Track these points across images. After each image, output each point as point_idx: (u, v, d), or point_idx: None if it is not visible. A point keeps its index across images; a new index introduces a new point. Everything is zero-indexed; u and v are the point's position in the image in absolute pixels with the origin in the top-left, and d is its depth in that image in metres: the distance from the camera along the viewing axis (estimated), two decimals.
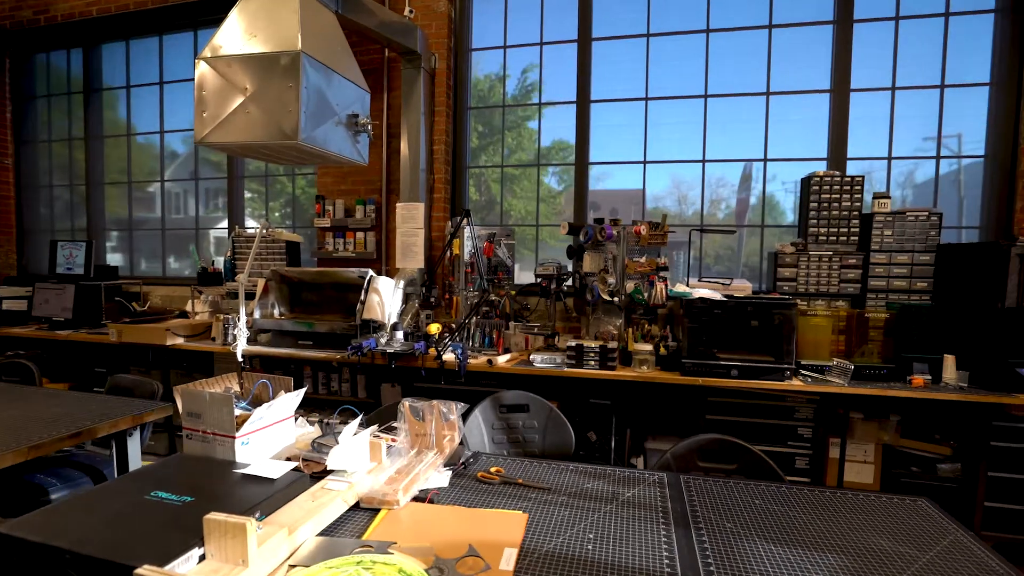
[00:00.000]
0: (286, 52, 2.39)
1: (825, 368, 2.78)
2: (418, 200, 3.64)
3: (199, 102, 2.52)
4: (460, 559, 0.98)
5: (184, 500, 1.06)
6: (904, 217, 3.00)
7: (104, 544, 0.89)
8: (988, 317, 2.62)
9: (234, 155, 3.05)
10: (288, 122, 2.42)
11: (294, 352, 3.25)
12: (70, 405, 1.89)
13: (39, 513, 1.01)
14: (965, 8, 3.23)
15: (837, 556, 1.10)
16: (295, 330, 3.34)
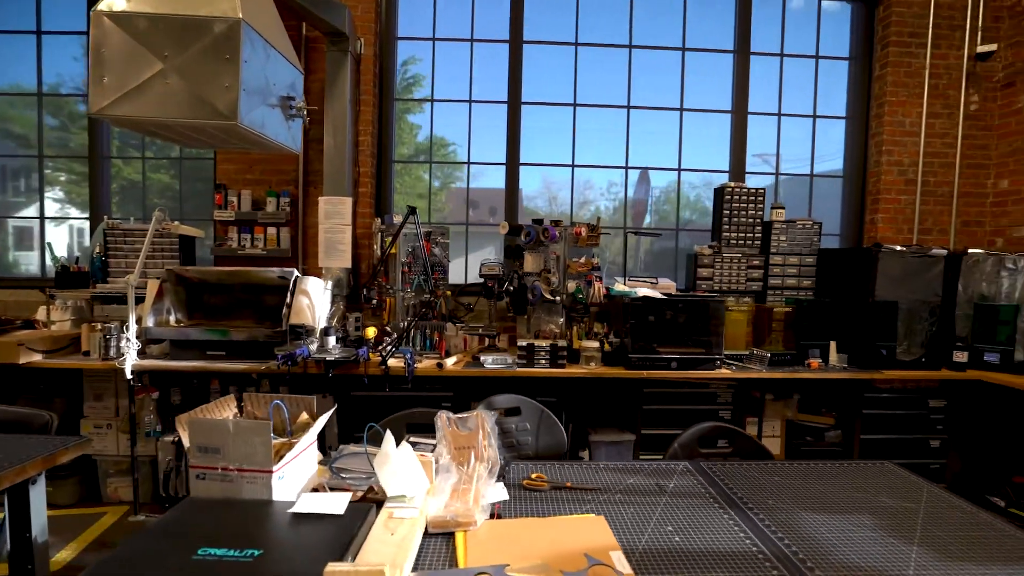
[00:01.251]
0: (222, 19, 2.04)
1: (744, 357, 3.15)
2: (344, 194, 3.35)
3: (97, 63, 2.04)
4: (586, 570, 0.93)
5: (250, 554, 0.84)
6: (795, 225, 3.52)
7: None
8: (861, 309, 3.17)
9: (139, 132, 2.51)
10: (224, 101, 2.07)
11: (203, 365, 2.79)
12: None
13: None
14: (831, 53, 3.88)
15: (866, 516, 1.26)
16: (203, 339, 2.87)
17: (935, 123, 3.72)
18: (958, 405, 3.21)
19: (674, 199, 3.94)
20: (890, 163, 3.74)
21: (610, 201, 3.94)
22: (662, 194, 3.97)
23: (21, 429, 1.72)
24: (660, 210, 3.96)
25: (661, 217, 3.96)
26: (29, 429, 1.73)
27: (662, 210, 3.96)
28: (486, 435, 1.34)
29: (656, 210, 3.97)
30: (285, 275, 3.04)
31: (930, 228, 3.77)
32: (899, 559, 1.08)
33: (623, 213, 3.91)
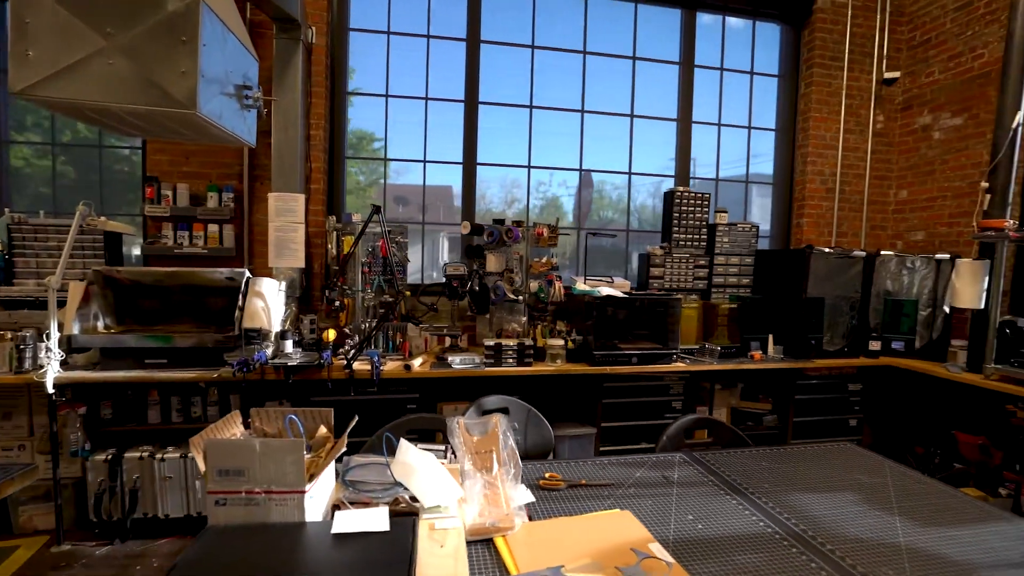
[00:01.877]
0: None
1: (695, 351, 3.35)
2: (295, 190, 3.17)
3: (19, 36, 1.80)
4: (638, 564, 0.96)
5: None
6: (736, 228, 3.78)
7: None
8: (794, 304, 3.48)
9: (69, 116, 2.19)
10: (180, 88, 1.89)
11: (143, 375, 2.54)
12: None
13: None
14: (764, 70, 4.21)
15: (848, 493, 1.39)
16: (142, 347, 2.60)
17: (849, 138, 4.16)
18: (872, 387, 3.61)
19: (606, 201, 4.09)
20: (813, 172, 4.12)
21: (538, 200, 3.97)
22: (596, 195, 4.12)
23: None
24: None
25: (593, 217, 4.09)
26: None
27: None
28: (504, 439, 1.33)
29: (589, 210, 4.09)
30: (235, 276, 2.83)
31: (846, 231, 4.20)
32: (888, 529, 1.21)
33: (551, 211, 3.97)
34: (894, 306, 3.59)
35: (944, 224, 3.86)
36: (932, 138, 3.96)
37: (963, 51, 3.75)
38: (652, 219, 4.14)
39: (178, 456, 2.63)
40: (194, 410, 2.78)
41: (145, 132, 2.26)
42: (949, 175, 3.84)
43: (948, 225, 3.84)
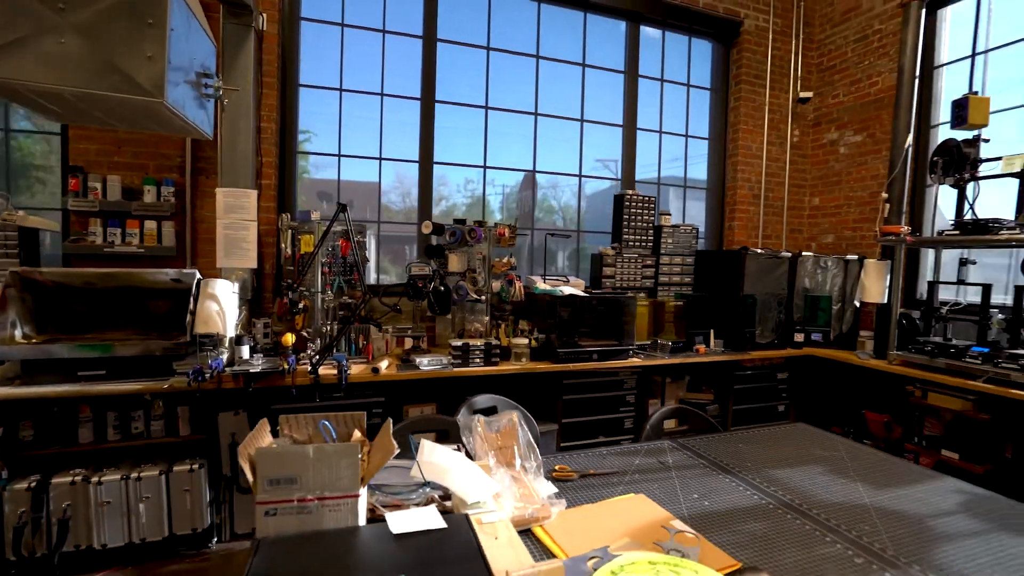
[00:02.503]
0: None
1: (647, 346, 3.55)
2: (246, 185, 3.00)
3: None
4: (672, 539, 1.05)
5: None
6: (679, 229, 4.06)
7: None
8: (732, 301, 3.80)
9: (5, 98, 1.90)
10: (146, 74, 1.74)
11: (79, 389, 2.30)
12: None
13: None
14: (700, 83, 4.54)
15: (814, 465, 1.58)
16: (75, 357, 2.35)
17: (772, 149, 4.59)
18: (796, 375, 4.02)
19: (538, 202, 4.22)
20: (743, 179, 4.51)
21: (465, 198, 3.99)
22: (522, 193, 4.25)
23: None
24: (509, 208, 4.13)
25: (509, 214, 4.12)
26: None
27: (510, 208, 4.13)
28: (522, 434, 1.38)
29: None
30: (183, 277, 2.63)
31: (770, 234, 4.64)
32: (854, 493, 1.40)
33: (480, 210, 3.96)
34: (812, 302, 4.02)
35: (849, 228, 4.38)
36: (838, 152, 4.48)
37: (862, 78, 4.28)
38: (574, 218, 4.26)
39: (118, 478, 2.40)
40: (135, 426, 2.54)
41: (87, 119, 2.05)
42: (853, 185, 4.36)
43: (853, 229, 4.35)
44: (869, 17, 4.19)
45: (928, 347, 3.17)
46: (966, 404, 2.93)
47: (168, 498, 2.47)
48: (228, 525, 2.69)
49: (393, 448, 1.01)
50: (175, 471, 2.48)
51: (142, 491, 2.42)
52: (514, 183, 4.14)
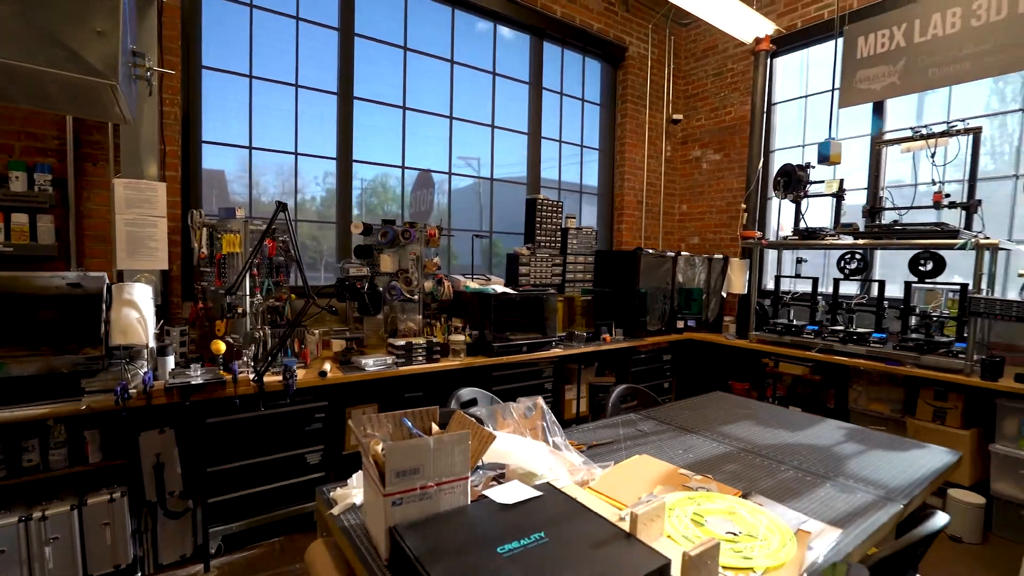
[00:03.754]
0: None
1: (563, 337, 3.90)
2: (153, 177, 2.67)
3: None
4: (691, 482, 1.32)
5: (537, 538, 0.91)
6: (581, 232, 4.49)
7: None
8: (629, 295, 4.33)
9: None
10: (96, 51, 1.54)
11: None
12: None
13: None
14: (591, 99, 5.03)
15: (745, 421, 2.01)
16: None
17: (651, 162, 5.28)
18: (678, 356, 4.72)
19: (390, 195, 4.11)
20: (628, 188, 5.12)
21: (323, 192, 3.75)
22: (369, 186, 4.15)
23: None
24: (368, 202, 3.95)
25: (369, 209, 3.95)
26: None
27: (369, 202, 3.95)
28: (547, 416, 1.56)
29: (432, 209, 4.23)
30: (84, 282, 2.27)
31: (650, 236, 5.33)
32: (780, 436, 1.84)
33: (334, 204, 3.70)
34: (687, 294, 4.74)
35: (711, 232, 5.24)
36: (702, 167, 5.32)
37: (719, 106, 5.14)
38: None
39: (14, 521, 2.02)
40: (27, 458, 2.14)
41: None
42: (713, 195, 5.22)
43: (714, 232, 5.22)
44: (724, 57, 5.05)
45: (777, 328, 3.99)
46: (805, 369, 3.77)
47: (82, 536, 2.14)
48: (151, 557, 2.40)
49: (492, 436, 1.12)
50: (90, 504, 2.16)
51: (47, 532, 2.07)
52: (372, 177, 3.89)
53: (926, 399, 3.21)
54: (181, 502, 2.46)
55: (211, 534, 2.45)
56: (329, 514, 1.22)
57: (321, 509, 1.31)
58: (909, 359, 3.23)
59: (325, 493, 1.33)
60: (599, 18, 4.74)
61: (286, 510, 2.70)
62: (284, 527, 2.76)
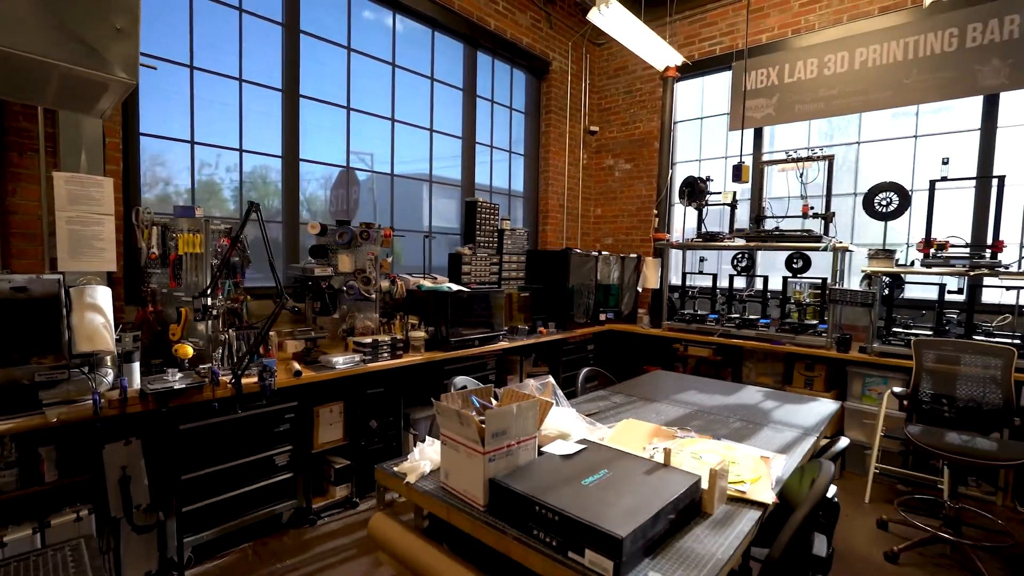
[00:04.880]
0: None
1: (507, 331, 4.19)
2: (97, 171, 2.49)
3: None
4: (682, 434, 1.69)
5: (604, 473, 1.19)
6: (516, 233, 4.80)
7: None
8: (561, 292, 4.74)
9: None
10: (116, 50, 1.52)
11: None
12: None
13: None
14: (518, 107, 5.37)
15: (692, 390, 2.46)
16: None
17: (571, 169, 5.76)
18: (600, 345, 5.24)
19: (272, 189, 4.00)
20: (552, 192, 5.55)
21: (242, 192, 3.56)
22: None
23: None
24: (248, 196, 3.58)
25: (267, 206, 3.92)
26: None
27: (248, 196, 3.54)
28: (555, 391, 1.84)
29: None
30: (29, 285, 2.10)
31: (570, 237, 5.81)
32: (719, 400, 2.31)
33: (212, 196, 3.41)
34: (606, 289, 5.29)
35: (623, 233, 5.86)
36: (614, 175, 5.92)
37: (629, 121, 5.77)
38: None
39: None
40: None
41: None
42: (625, 201, 5.84)
43: (626, 234, 5.84)
44: (633, 77, 5.68)
45: (685, 317, 4.65)
46: (709, 351, 4.45)
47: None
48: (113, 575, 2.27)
49: (551, 404, 1.38)
50: (54, 525, 2.02)
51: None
52: (250, 170, 3.53)
53: (799, 370, 4.01)
54: (147, 516, 2.35)
55: (184, 544, 2.38)
56: (406, 483, 1.39)
57: (387, 483, 1.47)
58: (787, 339, 4.00)
59: (387, 468, 1.48)
60: (527, 33, 5.08)
61: (255, 514, 2.68)
62: (254, 532, 2.72)
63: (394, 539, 1.40)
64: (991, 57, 3.61)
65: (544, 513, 1.10)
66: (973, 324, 3.36)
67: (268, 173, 3.65)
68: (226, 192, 3.48)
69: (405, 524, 1.44)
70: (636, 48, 4.07)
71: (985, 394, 2.77)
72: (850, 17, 4.25)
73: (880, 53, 4.06)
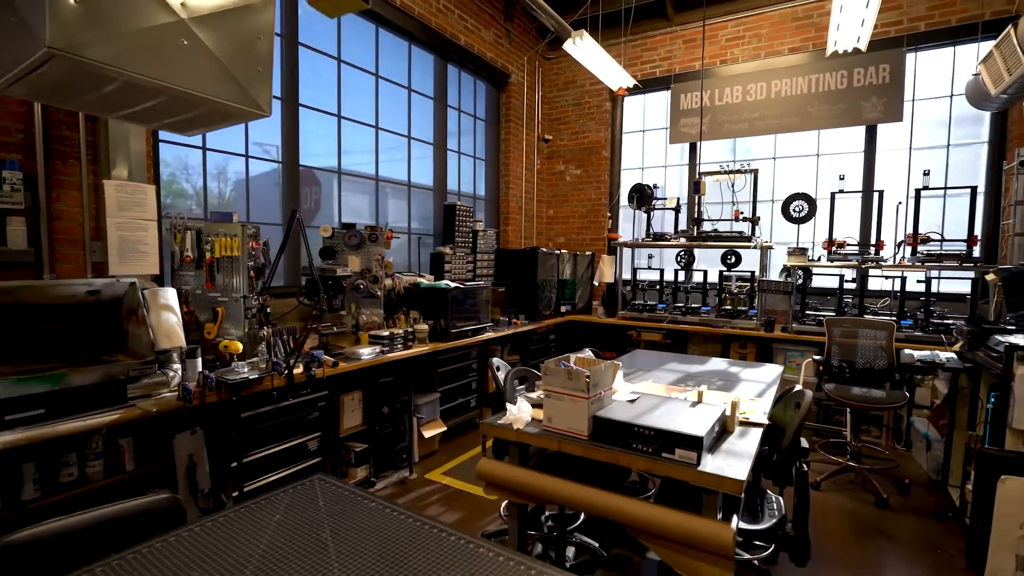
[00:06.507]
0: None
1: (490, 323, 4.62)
2: (140, 178, 2.61)
3: None
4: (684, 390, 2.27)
5: (663, 410, 1.72)
6: (486, 233, 5.23)
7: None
8: (530, 286, 5.24)
9: (72, 83, 1.15)
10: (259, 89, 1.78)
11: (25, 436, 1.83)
12: None
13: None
14: (482, 116, 5.78)
15: (677, 363, 3.07)
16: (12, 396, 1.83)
17: (528, 174, 6.27)
18: (560, 334, 5.81)
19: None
20: (512, 195, 6.03)
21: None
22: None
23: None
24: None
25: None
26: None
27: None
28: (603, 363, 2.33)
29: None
30: (102, 288, 2.24)
31: (528, 236, 6.33)
32: (698, 368, 2.94)
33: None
34: (563, 284, 5.87)
35: (575, 233, 6.48)
36: (565, 180, 6.52)
37: (579, 130, 6.39)
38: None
39: None
40: (68, 472, 2.06)
41: (145, 115, 1.77)
42: (575, 204, 6.46)
43: (577, 234, 6.46)
44: (582, 92, 6.30)
45: (638, 307, 5.35)
46: (659, 336, 5.17)
47: None
48: None
49: (618, 366, 1.88)
50: None
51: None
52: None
53: (735, 349, 4.83)
54: (206, 500, 2.53)
55: None
56: (517, 429, 1.82)
57: (496, 434, 1.89)
58: (724, 323, 4.80)
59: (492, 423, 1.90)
60: (491, 48, 5.50)
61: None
62: None
63: (506, 474, 1.83)
64: (871, 95, 4.62)
65: (641, 431, 1.60)
66: (864, 306, 4.33)
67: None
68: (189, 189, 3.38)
69: (510, 463, 1.87)
70: (597, 71, 4.65)
71: (875, 358, 3.65)
72: (767, 54, 5.15)
73: (791, 86, 4.98)
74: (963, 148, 4.54)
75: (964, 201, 4.10)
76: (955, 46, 4.49)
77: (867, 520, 3.03)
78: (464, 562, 1.05)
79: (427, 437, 3.84)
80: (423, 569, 1.02)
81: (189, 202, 3.36)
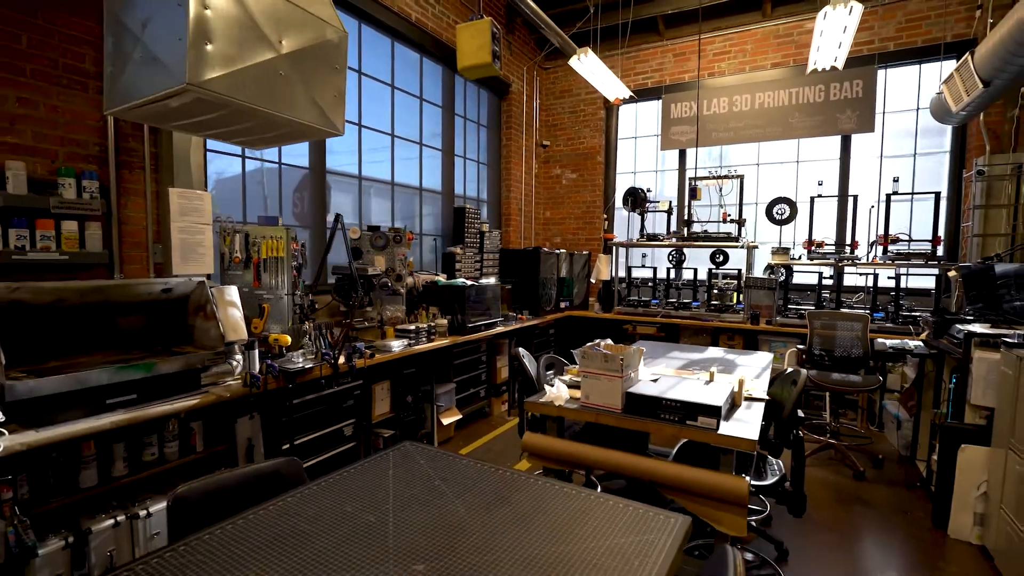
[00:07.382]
0: (333, 27, 2.04)
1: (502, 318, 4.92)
2: (198, 185, 2.84)
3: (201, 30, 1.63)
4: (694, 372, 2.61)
5: (683, 389, 2.05)
6: (492, 234, 5.52)
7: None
8: (533, 284, 5.55)
9: (211, 117, 1.36)
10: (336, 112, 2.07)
11: (120, 419, 2.07)
12: None
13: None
14: (485, 123, 6.07)
15: (679, 352, 3.42)
16: (104, 384, 2.06)
17: (528, 177, 6.58)
18: (559, 328, 6.13)
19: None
20: (513, 198, 6.34)
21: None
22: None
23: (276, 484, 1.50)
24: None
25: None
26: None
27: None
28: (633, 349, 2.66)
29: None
30: (174, 286, 2.47)
31: (528, 237, 6.64)
32: (700, 355, 3.29)
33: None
34: (562, 282, 6.20)
35: (571, 234, 6.81)
36: (562, 183, 6.85)
37: (575, 136, 6.72)
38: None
39: (165, 506, 2.22)
40: (150, 452, 2.30)
41: (244, 140, 2.03)
42: (571, 206, 6.79)
43: (573, 234, 6.80)
44: (577, 100, 6.63)
45: (633, 302, 5.71)
46: (653, 329, 5.54)
47: None
48: None
49: (642, 351, 2.20)
50: None
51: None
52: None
53: (723, 340, 5.22)
54: None
55: None
56: (557, 405, 2.13)
57: (539, 410, 2.19)
58: (713, 317, 5.19)
59: (535, 400, 2.20)
60: None
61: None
62: None
63: (549, 444, 2.14)
64: (846, 108, 5.05)
65: (668, 403, 1.92)
66: (840, 300, 4.75)
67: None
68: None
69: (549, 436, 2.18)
70: (598, 84, 4.98)
71: (852, 347, 4.06)
72: (751, 68, 5.55)
73: (773, 98, 5.39)
74: (928, 157, 5.01)
75: (929, 205, 4.55)
76: (921, 64, 4.95)
77: (846, 490, 3.43)
78: (558, 499, 1.35)
79: (445, 424, 4.12)
80: (525, 503, 1.33)
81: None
